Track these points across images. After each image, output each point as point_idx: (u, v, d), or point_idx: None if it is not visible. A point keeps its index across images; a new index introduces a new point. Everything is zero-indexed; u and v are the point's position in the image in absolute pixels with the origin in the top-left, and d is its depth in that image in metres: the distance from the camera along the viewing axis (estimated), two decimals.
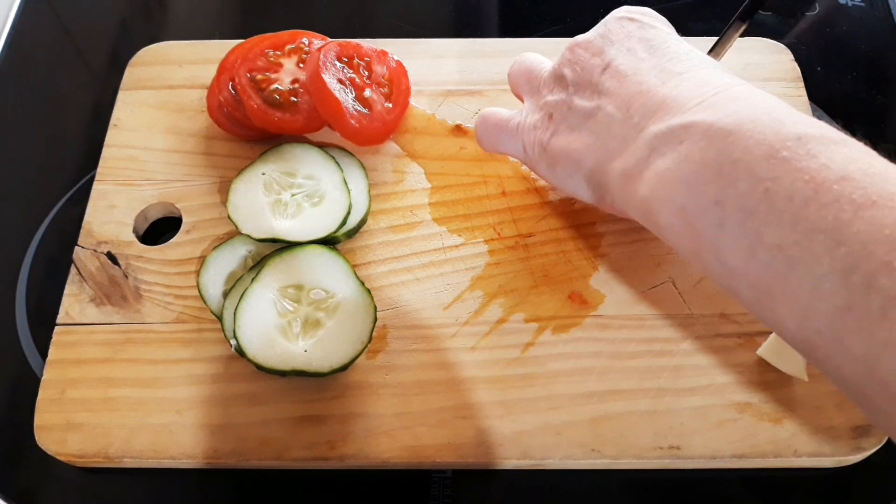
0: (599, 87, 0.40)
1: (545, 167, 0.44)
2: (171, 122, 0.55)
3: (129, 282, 0.49)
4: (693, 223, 0.33)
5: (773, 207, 0.30)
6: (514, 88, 0.49)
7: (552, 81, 0.43)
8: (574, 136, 0.41)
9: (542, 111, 0.43)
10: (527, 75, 0.46)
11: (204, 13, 0.67)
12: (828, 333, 0.29)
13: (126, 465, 0.44)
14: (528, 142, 0.44)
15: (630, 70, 0.39)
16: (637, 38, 0.41)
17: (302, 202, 0.49)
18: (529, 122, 0.44)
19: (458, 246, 0.50)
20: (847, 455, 0.43)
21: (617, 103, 0.39)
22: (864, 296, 0.27)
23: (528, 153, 0.45)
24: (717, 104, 0.34)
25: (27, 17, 0.66)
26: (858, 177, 0.29)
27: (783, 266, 0.30)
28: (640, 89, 0.38)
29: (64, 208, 0.55)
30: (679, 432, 0.43)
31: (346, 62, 0.52)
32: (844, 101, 0.59)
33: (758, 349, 0.46)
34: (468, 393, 0.45)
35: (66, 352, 0.46)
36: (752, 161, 0.31)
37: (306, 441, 0.44)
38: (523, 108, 0.46)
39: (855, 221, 0.28)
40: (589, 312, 0.47)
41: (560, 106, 0.42)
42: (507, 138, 0.47)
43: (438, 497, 0.44)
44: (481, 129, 0.49)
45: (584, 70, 0.41)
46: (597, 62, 0.41)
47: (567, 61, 0.42)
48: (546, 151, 0.43)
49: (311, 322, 0.45)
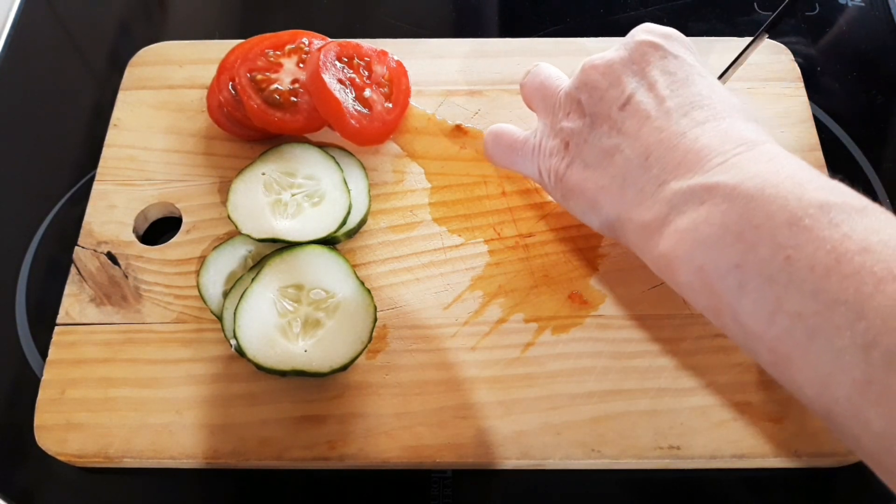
0: (618, 124, 0.39)
1: (559, 196, 0.43)
2: (171, 122, 0.55)
3: (129, 282, 0.49)
4: (712, 284, 0.33)
5: (795, 276, 0.30)
6: (527, 102, 0.48)
7: (568, 104, 0.42)
8: (590, 173, 0.40)
9: (558, 137, 0.42)
10: (541, 92, 0.45)
11: (204, 13, 0.67)
12: (846, 404, 0.29)
13: (126, 465, 0.44)
14: (544, 168, 0.44)
15: (651, 111, 0.38)
16: (660, 69, 0.39)
17: (302, 202, 0.49)
18: (546, 146, 0.43)
19: (458, 246, 0.50)
20: (847, 455, 0.43)
21: (636, 149, 0.38)
22: (884, 372, 0.27)
23: (543, 178, 0.44)
24: (739, 165, 0.34)
25: (27, 17, 0.66)
26: (879, 249, 0.29)
27: (803, 335, 0.30)
28: (660, 137, 0.37)
29: (64, 208, 0.55)
30: (679, 432, 0.43)
31: (346, 62, 0.52)
32: (844, 101, 0.59)
33: None
34: (468, 393, 0.45)
35: (66, 352, 0.46)
36: (774, 227, 0.31)
37: (306, 441, 0.44)
38: (538, 129, 0.45)
39: (876, 295, 0.28)
40: (589, 312, 0.47)
41: (577, 136, 0.41)
42: (521, 160, 0.46)
43: (438, 497, 0.44)
44: (492, 148, 0.48)
45: (601, 101, 0.40)
46: (616, 94, 0.40)
47: (584, 85, 0.41)
48: (561, 182, 0.42)
49: (311, 322, 0.45)
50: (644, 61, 0.40)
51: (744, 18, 0.65)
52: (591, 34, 0.59)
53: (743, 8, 0.65)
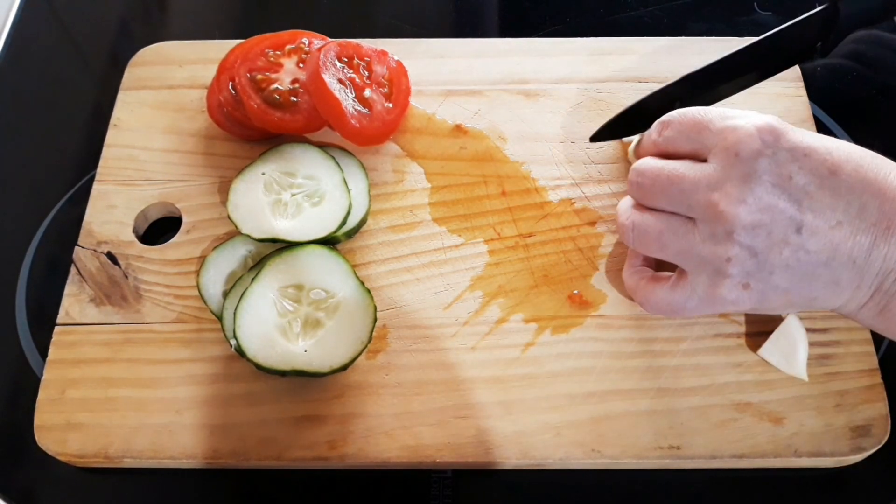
0: (803, 246, 0.38)
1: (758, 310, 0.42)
2: (171, 122, 0.55)
3: (129, 282, 0.49)
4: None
5: None
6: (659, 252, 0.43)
7: (728, 250, 0.39)
8: (792, 295, 0.40)
9: (731, 284, 0.39)
10: (693, 253, 0.41)
11: (204, 13, 0.67)
12: None
13: (126, 465, 0.44)
14: (723, 309, 0.41)
15: (828, 220, 0.38)
16: (798, 171, 0.38)
17: (302, 202, 0.49)
18: (718, 294, 0.40)
19: (458, 246, 0.50)
20: (847, 455, 0.43)
21: (839, 256, 0.38)
22: None
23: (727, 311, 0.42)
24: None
25: (27, 17, 0.66)
26: None
27: None
28: (846, 235, 0.38)
29: (64, 208, 0.55)
30: (679, 432, 0.43)
31: (346, 62, 0.52)
32: (844, 101, 0.59)
33: (758, 349, 0.46)
34: (468, 393, 0.45)
35: (66, 352, 0.46)
36: None
37: (306, 441, 0.44)
38: (693, 277, 0.41)
39: None
40: (589, 312, 0.47)
41: (755, 275, 0.39)
42: (689, 311, 0.43)
43: (438, 497, 0.44)
44: (653, 310, 0.45)
45: (770, 236, 0.38)
46: (783, 226, 0.38)
47: (750, 228, 0.38)
48: (761, 309, 0.41)
49: (311, 322, 0.45)
50: (778, 172, 0.38)
51: (744, 18, 0.65)
52: (591, 34, 0.59)
53: (743, 8, 0.65)
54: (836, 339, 0.46)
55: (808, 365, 0.45)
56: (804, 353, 0.45)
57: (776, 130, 0.39)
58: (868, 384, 0.45)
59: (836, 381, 0.45)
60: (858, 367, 0.45)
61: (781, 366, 0.45)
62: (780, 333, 0.46)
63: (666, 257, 0.42)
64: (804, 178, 0.38)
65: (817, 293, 0.39)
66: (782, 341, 0.45)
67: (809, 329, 0.46)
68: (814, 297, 0.39)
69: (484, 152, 0.53)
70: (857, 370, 0.45)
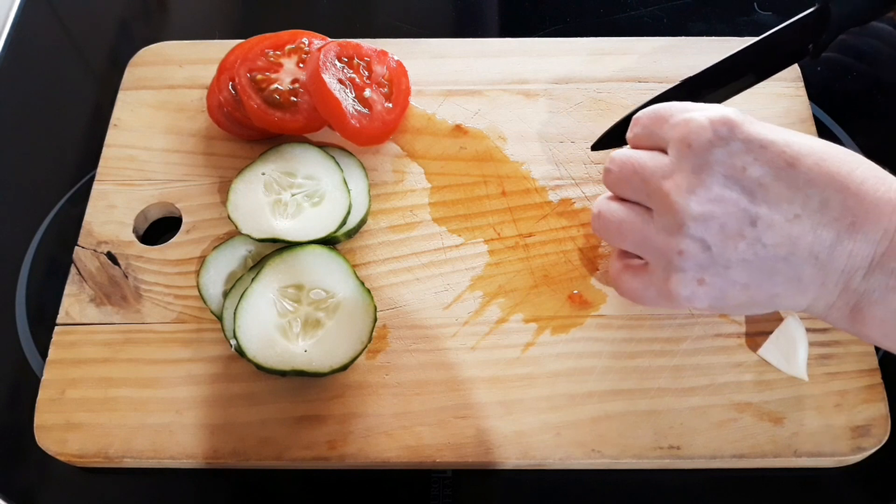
0: (758, 240, 0.37)
1: (717, 310, 0.41)
2: (171, 122, 0.55)
3: (129, 282, 0.49)
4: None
5: None
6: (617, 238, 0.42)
7: (680, 243, 0.38)
8: (753, 291, 0.38)
9: (688, 276, 0.38)
10: (643, 238, 0.40)
11: (204, 13, 0.67)
12: None
13: (126, 465, 0.44)
14: (684, 303, 0.40)
15: (783, 214, 0.37)
16: (752, 164, 0.37)
17: (302, 202, 0.49)
18: (674, 288, 0.39)
19: (458, 246, 0.50)
20: (847, 455, 0.43)
21: (799, 251, 0.37)
22: None
23: (686, 307, 0.42)
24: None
25: (27, 17, 0.66)
26: None
27: None
28: (807, 231, 0.36)
29: (64, 208, 0.55)
30: (679, 432, 0.43)
31: (346, 62, 0.52)
32: (844, 101, 0.59)
33: (758, 349, 0.46)
34: (468, 393, 0.45)
35: (66, 352, 0.46)
36: None
37: (306, 441, 0.44)
38: (652, 269, 0.40)
39: None
40: (589, 312, 0.47)
41: (710, 269, 0.38)
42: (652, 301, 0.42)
43: (438, 497, 0.44)
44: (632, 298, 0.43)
45: (722, 230, 0.37)
46: (737, 219, 0.37)
47: (700, 221, 0.37)
48: (718, 307, 0.39)
49: (311, 322, 0.45)
50: (731, 164, 0.37)
51: (744, 18, 0.65)
52: (591, 34, 0.59)
53: (743, 8, 0.65)
54: (836, 339, 0.46)
55: (809, 365, 0.45)
56: (804, 353, 0.45)
57: (731, 122, 0.38)
58: (868, 384, 0.45)
59: (836, 381, 0.45)
60: (858, 367, 0.45)
61: (781, 366, 0.45)
62: (781, 333, 0.46)
63: (626, 247, 0.42)
64: (759, 170, 0.37)
65: (778, 290, 0.37)
66: (782, 341, 0.45)
67: (809, 329, 0.46)
68: (775, 294, 0.38)
69: (484, 152, 0.53)
70: (857, 370, 0.45)
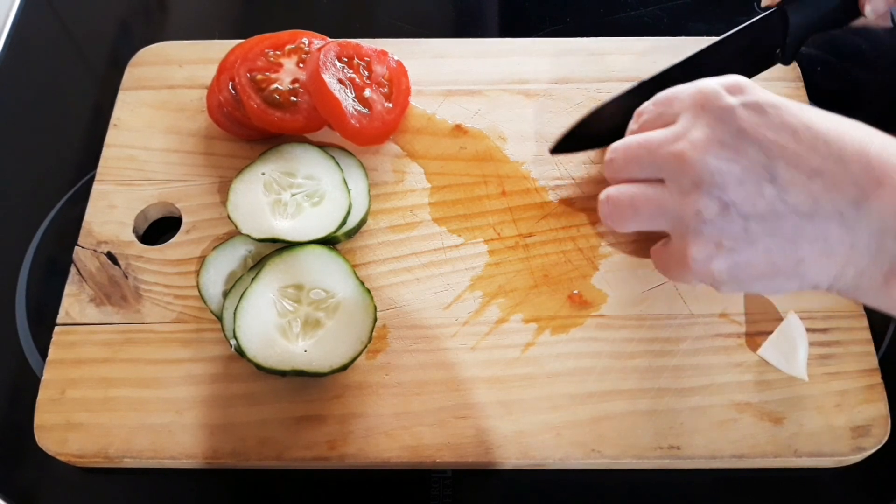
0: (782, 200, 0.35)
1: (735, 289, 0.39)
2: (171, 122, 0.55)
3: (129, 282, 0.49)
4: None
5: None
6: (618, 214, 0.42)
7: (696, 202, 0.37)
8: (775, 255, 0.36)
9: (703, 243, 0.37)
10: (664, 209, 0.39)
11: (204, 13, 0.67)
12: None
13: (126, 465, 0.44)
14: (702, 276, 0.39)
15: (803, 175, 0.35)
16: (767, 126, 0.36)
17: (302, 202, 0.49)
18: (691, 255, 0.38)
19: (458, 246, 0.50)
20: (847, 455, 0.43)
21: (826, 213, 0.35)
22: None
23: (706, 282, 0.40)
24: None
25: (27, 17, 0.66)
26: None
27: None
28: (835, 190, 0.35)
29: (64, 208, 0.55)
30: (679, 432, 0.43)
31: (346, 62, 0.52)
32: (844, 102, 0.59)
33: (758, 349, 0.46)
34: (468, 393, 0.45)
35: (66, 352, 0.46)
36: None
37: (306, 441, 0.44)
38: (671, 239, 0.40)
39: None
40: (589, 312, 0.47)
41: (727, 232, 0.37)
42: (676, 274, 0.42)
43: (438, 497, 0.44)
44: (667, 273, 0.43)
45: (741, 186, 0.36)
46: (755, 175, 0.36)
47: (710, 178, 0.36)
48: (739, 281, 0.38)
49: (311, 322, 0.45)
50: (747, 121, 0.37)
51: (744, 18, 0.65)
52: (591, 34, 0.59)
53: (743, 8, 0.65)
54: (836, 339, 0.46)
55: (808, 365, 0.45)
56: (804, 353, 0.45)
57: (742, 83, 0.38)
58: (868, 384, 0.45)
59: (836, 381, 0.45)
60: (858, 367, 0.45)
61: (781, 366, 0.45)
62: (780, 333, 0.46)
63: (642, 225, 0.41)
64: (775, 127, 0.36)
65: (804, 253, 0.36)
66: (782, 341, 0.45)
67: (809, 329, 0.46)
68: (800, 259, 0.36)
69: (484, 152, 0.53)
70: (857, 370, 0.45)
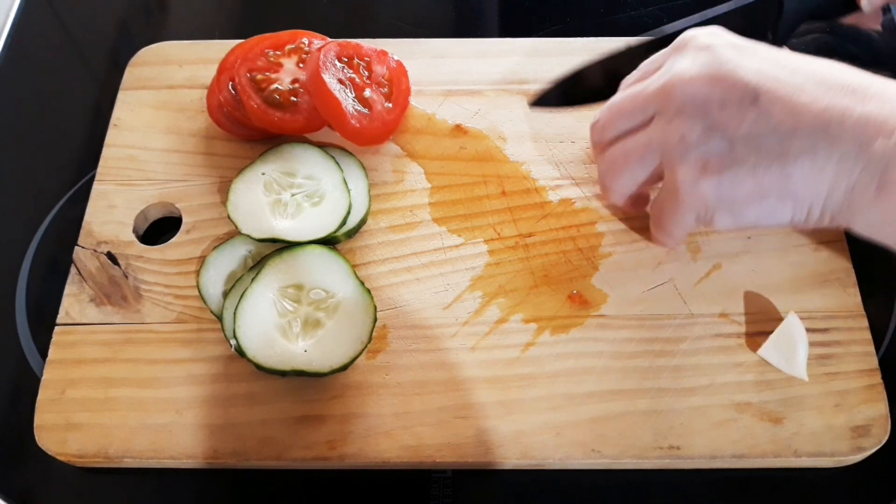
0: (764, 118, 0.36)
1: (730, 221, 0.39)
2: (171, 122, 0.55)
3: (129, 282, 0.49)
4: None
5: None
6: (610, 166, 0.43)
7: (680, 126, 0.37)
8: (765, 175, 0.36)
9: (690, 165, 0.37)
10: (663, 144, 0.39)
11: (204, 13, 0.67)
12: None
13: (126, 465, 0.44)
14: (697, 207, 0.39)
15: (787, 92, 0.35)
16: (750, 57, 0.37)
17: (302, 202, 0.49)
18: (682, 184, 0.38)
19: (458, 246, 0.50)
20: (847, 455, 0.43)
21: (810, 125, 0.35)
22: None
23: (700, 217, 0.40)
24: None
25: (27, 17, 0.66)
26: None
27: None
28: (818, 107, 0.35)
29: (64, 208, 0.55)
30: (679, 432, 0.43)
31: (346, 62, 0.52)
32: None
33: (758, 349, 0.46)
34: (468, 393, 0.45)
35: (66, 352, 0.46)
36: None
37: (306, 441, 0.44)
38: (664, 183, 0.40)
39: None
40: (589, 312, 0.47)
41: (714, 152, 0.37)
42: (673, 218, 0.41)
43: (438, 497, 0.44)
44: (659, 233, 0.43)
45: (724, 107, 0.36)
46: (738, 95, 0.36)
47: (691, 103, 0.37)
48: (729, 206, 0.38)
49: (311, 322, 0.45)
50: (730, 51, 0.37)
51: None
52: (591, 34, 0.59)
53: None
54: (836, 339, 0.46)
55: (808, 365, 0.45)
56: (804, 353, 0.45)
57: (719, 31, 0.39)
58: (868, 384, 0.45)
59: (836, 381, 0.45)
60: (858, 367, 0.45)
61: (781, 366, 0.45)
62: (780, 333, 0.46)
63: (636, 173, 0.41)
64: (758, 57, 0.37)
65: (791, 169, 0.35)
66: (782, 341, 0.45)
67: (809, 329, 0.46)
68: (788, 175, 0.35)
69: (484, 152, 0.53)
70: (857, 370, 0.45)
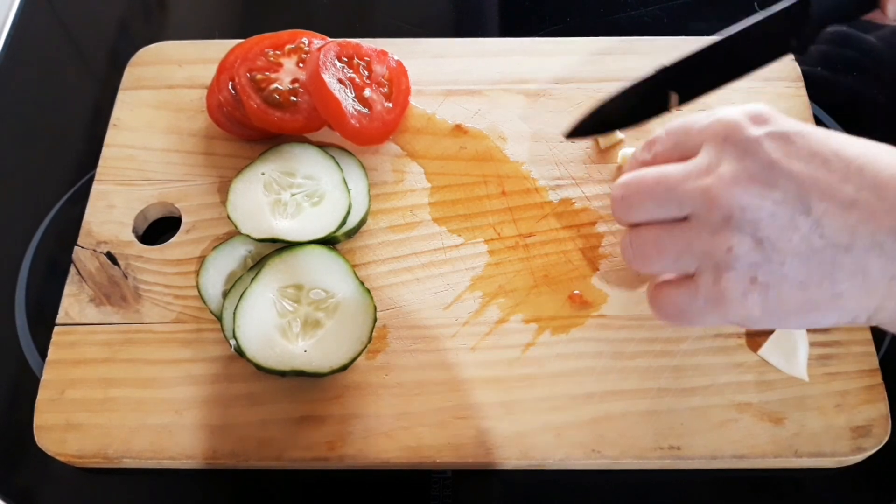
0: (818, 233, 0.34)
1: (770, 325, 0.37)
2: (170, 122, 0.55)
3: (129, 282, 0.49)
4: None
5: None
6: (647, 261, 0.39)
7: (728, 240, 0.35)
8: (812, 291, 0.35)
9: (737, 278, 0.35)
10: (668, 244, 0.38)
11: (204, 13, 0.67)
12: None
13: (125, 465, 0.44)
14: (735, 317, 0.37)
15: (844, 202, 0.34)
16: (797, 157, 0.35)
17: (301, 202, 0.49)
18: (724, 290, 0.36)
19: (458, 246, 0.50)
20: (847, 455, 0.43)
21: (865, 241, 0.33)
22: None
23: (735, 322, 0.37)
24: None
25: (27, 17, 0.66)
26: None
27: None
28: (877, 219, 0.33)
29: (64, 208, 0.55)
30: (679, 432, 0.43)
31: (346, 62, 0.52)
32: (844, 101, 0.59)
33: (758, 349, 0.46)
34: (468, 393, 0.45)
35: (65, 352, 0.46)
36: None
37: (306, 442, 0.44)
38: (698, 275, 0.37)
39: None
40: (589, 312, 0.47)
41: (763, 267, 0.35)
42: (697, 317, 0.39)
43: (438, 497, 0.44)
44: (662, 317, 0.40)
45: (773, 220, 0.34)
46: (789, 207, 0.34)
47: (741, 215, 0.35)
48: (773, 317, 0.36)
49: (311, 322, 0.45)
50: (775, 152, 0.35)
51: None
52: (591, 34, 0.59)
53: (743, 8, 0.65)
54: (836, 339, 0.46)
55: (809, 365, 0.45)
56: (804, 354, 0.45)
57: (765, 113, 0.36)
58: (868, 384, 0.45)
59: (836, 382, 0.45)
60: (859, 368, 0.45)
61: (782, 366, 0.45)
62: (781, 333, 0.46)
63: (667, 265, 0.38)
64: (805, 157, 0.35)
65: (842, 287, 0.34)
66: (782, 341, 0.45)
67: (810, 329, 0.46)
68: (838, 294, 0.34)
69: (484, 152, 0.53)
70: (858, 370, 0.45)
